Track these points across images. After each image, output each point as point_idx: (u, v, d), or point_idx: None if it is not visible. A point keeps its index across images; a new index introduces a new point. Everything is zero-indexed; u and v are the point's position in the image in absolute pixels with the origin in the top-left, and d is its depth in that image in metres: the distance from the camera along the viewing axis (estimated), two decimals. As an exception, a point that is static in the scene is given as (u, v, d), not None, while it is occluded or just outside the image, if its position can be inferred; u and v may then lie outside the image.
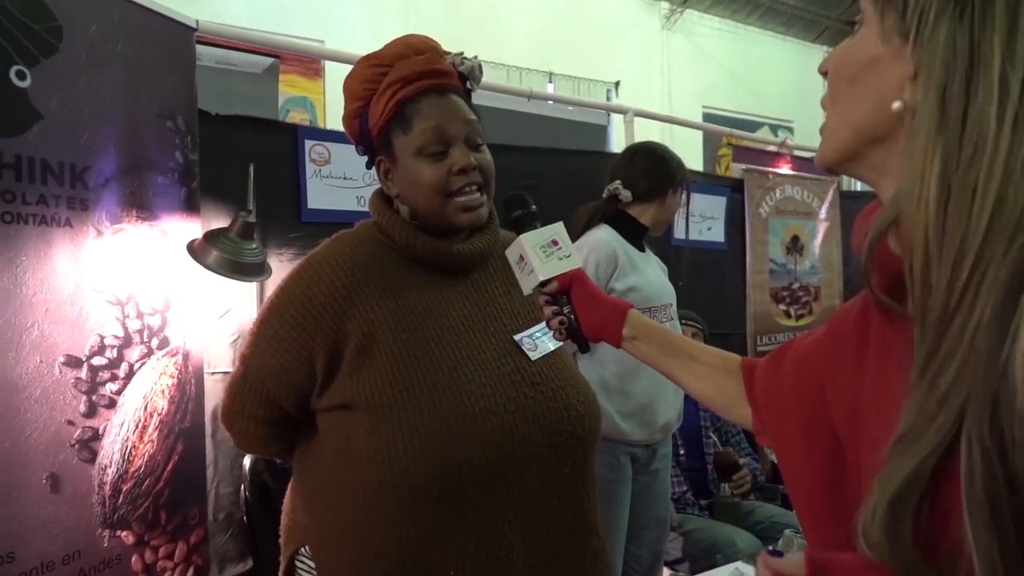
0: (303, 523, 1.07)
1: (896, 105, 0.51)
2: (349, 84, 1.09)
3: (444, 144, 1.02)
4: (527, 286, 0.92)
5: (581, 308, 0.89)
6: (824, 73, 0.62)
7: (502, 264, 1.10)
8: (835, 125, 0.59)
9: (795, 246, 3.72)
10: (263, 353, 1.04)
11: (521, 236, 0.91)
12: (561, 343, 1.04)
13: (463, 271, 1.09)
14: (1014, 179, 0.44)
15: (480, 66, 1.10)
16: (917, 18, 0.50)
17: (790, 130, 7.55)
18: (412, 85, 1.02)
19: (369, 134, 1.07)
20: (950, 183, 0.46)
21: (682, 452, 2.58)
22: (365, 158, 1.14)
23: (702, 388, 0.87)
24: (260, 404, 1.06)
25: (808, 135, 7.04)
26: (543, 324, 1.07)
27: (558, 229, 0.92)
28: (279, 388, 1.04)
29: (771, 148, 4.07)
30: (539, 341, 1.06)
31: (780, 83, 8.23)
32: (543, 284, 0.90)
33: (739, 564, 1.40)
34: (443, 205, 1.02)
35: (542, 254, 0.89)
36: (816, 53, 8.70)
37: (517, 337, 1.06)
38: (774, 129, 7.76)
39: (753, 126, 7.67)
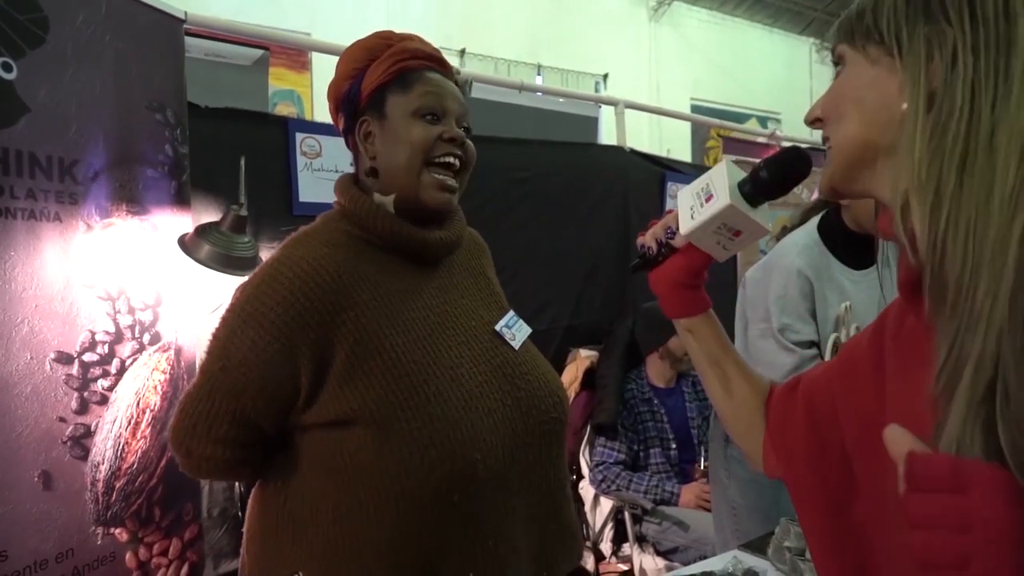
0: (287, 552, 0.95)
1: (904, 106, 0.57)
2: (350, 51, 1.05)
3: (440, 112, 1.01)
4: (685, 225, 0.74)
5: (676, 277, 0.82)
6: (815, 120, 0.66)
7: (466, 252, 1.12)
8: (848, 144, 0.63)
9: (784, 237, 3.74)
10: (237, 368, 0.92)
11: (729, 201, 0.71)
12: (530, 330, 1.08)
13: (435, 261, 1.06)
14: (975, 136, 0.51)
15: (470, 84, 1.15)
16: (895, 41, 0.58)
17: (778, 121, 7.58)
18: (417, 60, 1.03)
19: (358, 95, 1.03)
20: (928, 153, 0.53)
21: (673, 446, 2.59)
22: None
23: (731, 411, 0.85)
24: (232, 425, 0.93)
25: (795, 127, 7.07)
26: (511, 312, 1.09)
27: (760, 235, 0.74)
28: (257, 406, 0.93)
29: (760, 139, 4.09)
30: (514, 330, 1.06)
31: (768, 75, 8.26)
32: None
33: (737, 552, 1.41)
34: (419, 171, 0.98)
35: (716, 228, 0.72)
36: (803, 45, 8.73)
37: (497, 327, 1.05)
38: (762, 121, 7.79)
39: (741, 118, 7.69)
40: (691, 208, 0.75)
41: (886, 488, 0.59)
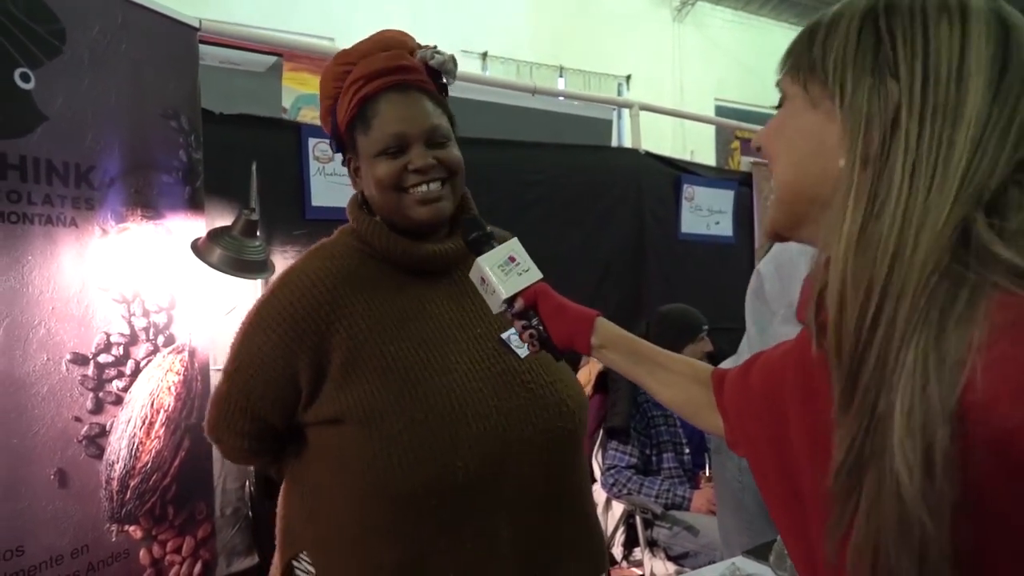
0: (300, 530, 1.06)
1: (842, 163, 0.53)
2: (322, 81, 1.08)
3: (402, 146, 1.01)
4: (494, 306, 0.92)
5: (549, 320, 0.89)
6: (757, 148, 0.64)
7: None
8: (782, 190, 0.60)
9: (804, 239, 3.69)
10: (247, 369, 1.02)
11: (478, 259, 0.92)
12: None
13: (443, 271, 1.07)
14: (909, 227, 0.48)
15: (454, 59, 1.07)
16: (839, 87, 0.54)
17: (803, 122, 7.47)
18: (373, 83, 1.01)
19: (338, 132, 1.07)
20: (860, 234, 0.50)
21: (687, 451, 2.57)
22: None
23: (670, 395, 0.87)
24: (246, 419, 1.05)
25: (821, 127, 6.93)
26: None
27: (513, 245, 0.93)
28: (264, 404, 1.03)
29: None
30: None
31: (793, 75, 8.14)
32: (510, 302, 0.90)
33: (737, 559, 1.40)
34: (398, 200, 1.01)
35: (501, 273, 0.90)
36: (830, 44, 8.59)
37: (504, 335, 1.05)
38: (787, 121, 7.68)
39: (766, 118, 7.52)
40: (492, 290, 0.91)
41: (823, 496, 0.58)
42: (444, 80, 1.07)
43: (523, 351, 1.04)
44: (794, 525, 0.66)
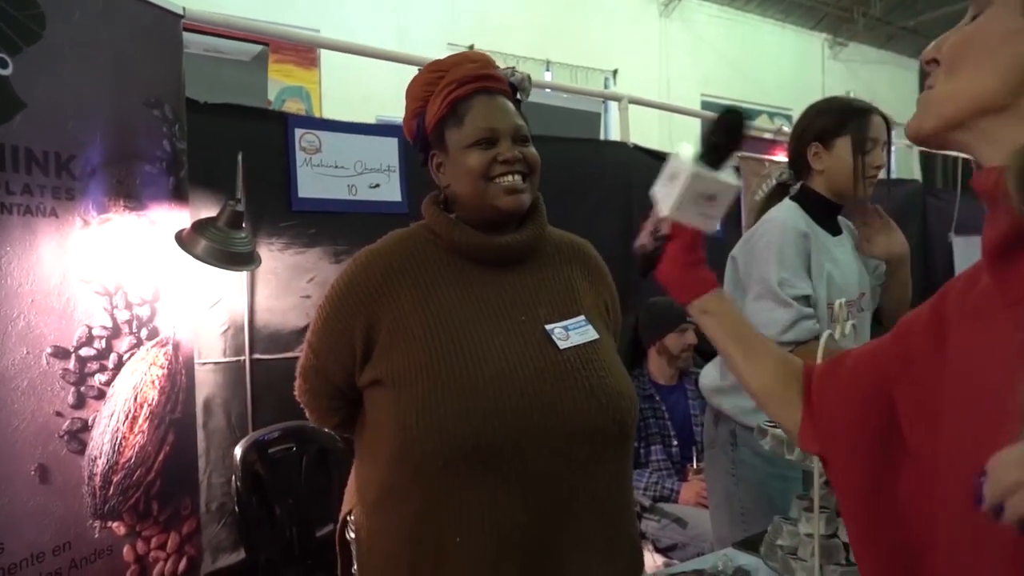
0: (353, 491, 1.21)
1: None
2: (411, 88, 1.19)
3: (492, 139, 1.11)
4: (662, 203, 0.83)
5: (676, 255, 0.86)
6: (930, 61, 0.60)
7: (550, 257, 1.19)
8: (952, 92, 0.57)
9: (792, 234, 3.69)
10: (319, 334, 1.18)
11: (693, 170, 0.80)
12: (596, 336, 1.11)
13: (507, 263, 1.14)
14: None
15: (529, 78, 1.21)
16: None
17: (788, 118, 7.52)
18: (465, 86, 1.12)
19: (425, 132, 1.17)
20: None
21: (675, 443, 2.57)
22: (359, 146, 1.24)
23: (759, 379, 0.85)
24: (319, 379, 1.20)
25: (807, 123, 6.98)
26: (581, 317, 1.13)
27: (732, 193, 0.81)
28: (330, 366, 1.17)
29: (767, 136, 4.06)
30: (573, 332, 1.09)
31: (779, 71, 8.20)
32: (663, 222, 0.85)
33: (728, 551, 1.40)
34: (485, 189, 1.10)
35: (691, 201, 0.80)
36: (815, 40, 8.65)
37: (549, 327, 1.10)
38: (772, 117, 7.74)
39: (752, 114, 7.63)
40: (667, 194, 0.83)
41: (939, 465, 0.56)
42: (518, 96, 1.20)
43: (563, 343, 1.08)
44: (869, 519, 0.66)
